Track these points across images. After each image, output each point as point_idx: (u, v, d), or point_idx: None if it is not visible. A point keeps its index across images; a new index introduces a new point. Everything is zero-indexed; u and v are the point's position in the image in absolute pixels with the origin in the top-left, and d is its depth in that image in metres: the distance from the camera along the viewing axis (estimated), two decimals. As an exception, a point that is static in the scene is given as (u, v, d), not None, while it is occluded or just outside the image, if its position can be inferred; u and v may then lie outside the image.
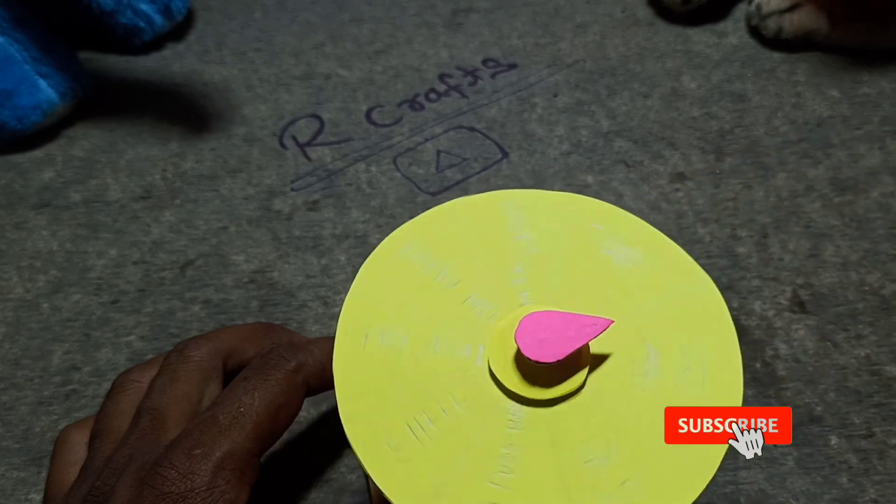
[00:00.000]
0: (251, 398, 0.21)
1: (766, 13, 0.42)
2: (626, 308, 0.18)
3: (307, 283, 0.34)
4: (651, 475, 0.16)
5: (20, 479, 0.28)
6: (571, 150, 0.39)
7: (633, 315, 0.18)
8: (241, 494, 0.20)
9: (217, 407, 0.21)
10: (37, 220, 0.37)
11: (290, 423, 0.22)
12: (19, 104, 0.38)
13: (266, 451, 0.21)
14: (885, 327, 0.32)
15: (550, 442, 0.17)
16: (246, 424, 0.20)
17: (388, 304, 0.19)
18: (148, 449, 0.20)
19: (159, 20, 0.43)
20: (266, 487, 0.28)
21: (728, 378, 0.17)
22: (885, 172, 0.37)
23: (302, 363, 0.22)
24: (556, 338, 0.16)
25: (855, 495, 0.27)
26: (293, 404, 0.22)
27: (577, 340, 0.16)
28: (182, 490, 0.19)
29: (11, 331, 0.33)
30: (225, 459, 0.19)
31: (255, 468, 0.20)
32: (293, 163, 0.39)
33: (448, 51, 0.44)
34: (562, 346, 0.16)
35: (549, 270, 0.19)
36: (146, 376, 0.23)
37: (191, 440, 0.20)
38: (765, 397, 0.30)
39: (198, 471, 0.19)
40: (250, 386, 0.21)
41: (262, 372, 0.21)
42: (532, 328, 0.17)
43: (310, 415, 0.30)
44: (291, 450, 0.29)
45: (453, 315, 0.18)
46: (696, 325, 0.18)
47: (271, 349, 0.23)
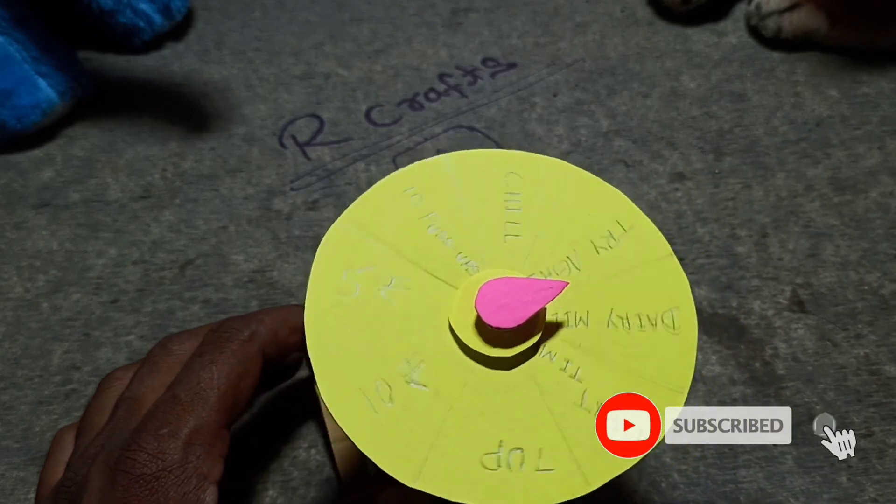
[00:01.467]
0: (209, 372, 0.21)
1: (765, 13, 0.42)
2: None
3: (307, 283, 0.34)
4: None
5: (20, 479, 0.28)
6: (571, 150, 0.39)
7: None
8: (214, 467, 0.20)
9: (177, 386, 0.21)
10: (36, 219, 0.37)
11: (252, 392, 0.22)
12: (19, 104, 0.38)
13: (234, 423, 0.21)
14: (885, 327, 0.32)
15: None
16: (209, 398, 0.20)
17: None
18: (119, 436, 0.20)
19: (159, 20, 0.43)
20: (237, 465, 0.28)
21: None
22: (884, 172, 0.37)
23: (255, 331, 0.22)
24: (515, 303, 0.17)
25: (854, 494, 0.27)
26: (252, 373, 0.22)
27: (534, 304, 0.17)
28: (155, 470, 0.19)
29: (11, 330, 0.33)
30: (193, 435, 0.19)
31: (225, 440, 0.20)
32: (293, 162, 0.39)
33: (448, 50, 0.44)
34: (521, 310, 0.17)
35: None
36: (130, 374, 0.23)
37: (156, 421, 0.20)
38: (764, 396, 0.30)
39: (168, 449, 0.19)
40: (206, 360, 0.21)
41: (216, 345, 0.21)
42: (492, 295, 0.17)
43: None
44: (261, 427, 0.29)
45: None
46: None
47: (222, 322, 0.23)
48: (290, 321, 0.23)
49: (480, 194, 0.20)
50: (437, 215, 0.20)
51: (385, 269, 0.19)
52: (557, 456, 0.17)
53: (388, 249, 0.19)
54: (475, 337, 0.18)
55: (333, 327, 0.18)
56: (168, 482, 0.19)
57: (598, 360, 0.18)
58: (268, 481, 0.28)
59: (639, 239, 0.20)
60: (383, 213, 0.20)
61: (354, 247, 0.19)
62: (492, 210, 0.20)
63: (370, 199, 0.20)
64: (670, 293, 0.19)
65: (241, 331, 0.22)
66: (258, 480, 0.28)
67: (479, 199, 0.20)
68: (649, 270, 0.19)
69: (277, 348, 0.23)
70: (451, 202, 0.20)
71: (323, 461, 0.29)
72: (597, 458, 0.17)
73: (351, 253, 0.19)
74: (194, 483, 0.19)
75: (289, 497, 0.28)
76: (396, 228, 0.19)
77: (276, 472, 0.29)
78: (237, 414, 0.21)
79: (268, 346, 0.22)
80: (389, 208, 0.20)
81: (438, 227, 0.19)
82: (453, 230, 0.20)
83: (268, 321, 0.23)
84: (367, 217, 0.20)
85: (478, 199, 0.20)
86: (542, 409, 0.17)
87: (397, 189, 0.20)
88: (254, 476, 0.28)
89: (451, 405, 0.17)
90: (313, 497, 0.28)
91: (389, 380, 0.18)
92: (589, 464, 0.17)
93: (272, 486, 0.28)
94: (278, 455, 0.29)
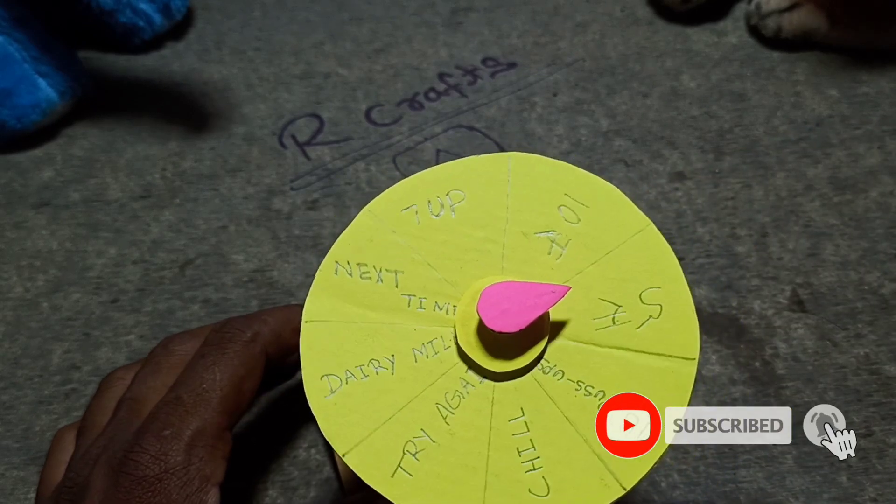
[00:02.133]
0: (212, 374, 0.20)
1: (765, 12, 0.42)
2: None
3: (307, 283, 0.34)
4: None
5: (20, 479, 0.28)
6: (571, 150, 0.39)
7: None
8: (216, 469, 0.20)
9: (179, 387, 0.20)
10: (36, 219, 0.37)
11: (255, 393, 0.22)
12: (19, 103, 0.38)
13: (236, 424, 0.21)
14: (884, 326, 0.32)
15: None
16: (211, 400, 0.20)
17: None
18: (121, 437, 0.20)
19: (159, 19, 0.43)
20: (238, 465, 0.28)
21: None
22: (884, 172, 0.37)
23: (257, 332, 0.22)
24: (517, 308, 0.17)
25: (854, 494, 0.27)
26: (255, 374, 0.22)
27: (537, 308, 0.17)
28: (157, 472, 0.19)
29: (11, 330, 0.33)
30: (196, 437, 0.19)
31: (228, 442, 0.20)
32: (292, 162, 0.39)
33: (447, 50, 0.44)
34: (523, 315, 0.17)
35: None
36: (131, 374, 0.23)
37: (158, 423, 0.19)
38: (764, 396, 0.30)
39: (170, 451, 0.19)
40: (209, 362, 0.21)
41: (219, 346, 0.21)
42: (493, 299, 0.17)
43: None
44: (261, 427, 0.29)
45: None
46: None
47: (225, 323, 0.22)
48: (293, 322, 0.23)
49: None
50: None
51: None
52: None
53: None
54: (479, 349, 0.17)
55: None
56: (170, 484, 0.19)
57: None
58: (268, 481, 0.28)
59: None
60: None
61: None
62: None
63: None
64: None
65: (243, 331, 0.22)
66: (258, 480, 0.28)
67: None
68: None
69: (280, 349, 0.23)
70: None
71: (323, 461, 0.29)
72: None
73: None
74: (197, 485, 0.19)
75: (289, 497, 0.28)
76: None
77: (275, 472, 0.29)
78: (239, 415, 0.21)
79: (270, 346, 0.22)
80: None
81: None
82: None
83: (271, 322, 0.23)
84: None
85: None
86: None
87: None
88: (254, 476, 0.28)
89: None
90: (313, 497, 0.28)
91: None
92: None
93: (272, 486, 0.28)
94: (278, 455, 0.29)
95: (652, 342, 0.18)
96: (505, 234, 0.19)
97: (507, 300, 0.17)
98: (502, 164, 0.20)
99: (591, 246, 0.19)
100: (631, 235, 0.19)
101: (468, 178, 0.20)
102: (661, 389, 0.17)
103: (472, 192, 0.20)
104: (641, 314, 0.18)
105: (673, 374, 0.17)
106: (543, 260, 0.19)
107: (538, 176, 0.20)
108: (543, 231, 0.19)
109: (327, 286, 0.19)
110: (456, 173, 0.20)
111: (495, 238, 0.19)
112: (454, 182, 0.20)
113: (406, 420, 0.17)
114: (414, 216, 0.19)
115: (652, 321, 0.18)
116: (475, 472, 0.17)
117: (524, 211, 0.19)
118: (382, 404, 0.17)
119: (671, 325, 0.18)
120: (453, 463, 0.17)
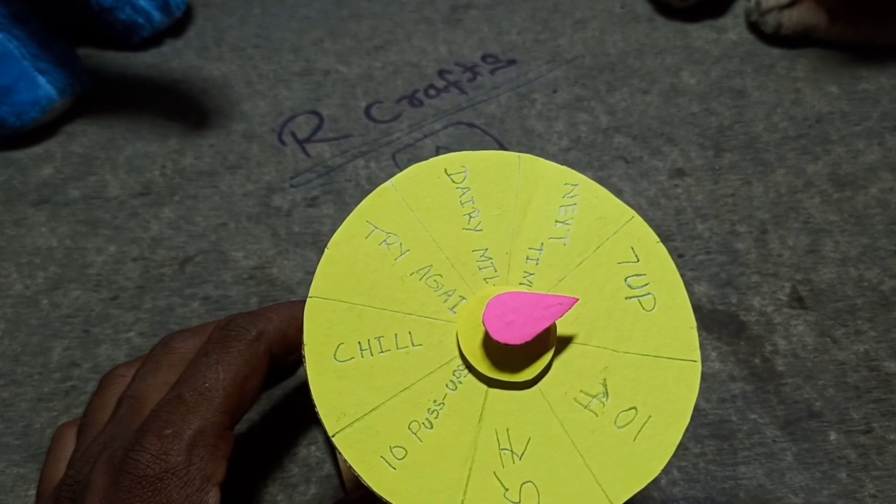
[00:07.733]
0: (215, 372, 0.20)
1: (765, 9, 0.42)
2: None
3: (307, 280, 0.34)
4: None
5: (20, 476, 0.29)
6: (571, 146, 0.39)
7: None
8: (217, 469, 0.19)
9: (182, 385, 0.20)
10: (36, 216, 0.37)
11: (258, 392, 0.21)
12: (18, 100, 0.37)
13: (238, 422, 0.21)
14: (884, 323, 0.32)
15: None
16: (214, 399, 0.20)
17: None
18: (122, 435, 0.20)
19: (158, 16, 0.43)
20: (239, 464, 0.28)
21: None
22: (883, 168, 0.37)
23: (262, 330, 0.22)
24: (523, 319, 0.16)
25: (854, 490, 0.27)
26: (258, 373, 0.21)
27: (543, 321, 0.16)
28: (158, 471, 0.18)
29: (11, 327, 0.33)
30: (197, 437, 0.19)
31: (229, 441, 0.20)
32: (292, 159, 0.39)
33: (447, 47, 0.44)
34: (529, 326, 0.16)
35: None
36: (132, 371, 0.23)
37: (160, 421, 0.19)
38: (764, 392, 0.30)
39: (171, 451, 0.19)
40: (212, 360, 0.21)
41: (223, 344, 0.21)
42: (499, 310, 0.17)
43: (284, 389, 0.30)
44: (262, 426, 0.29)
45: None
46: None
47: (229, 320, 0.22)
48: (298, 319, 0.23)
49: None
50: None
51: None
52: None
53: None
54: (483, 359, 0.17)
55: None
56: (171, 484, 0.18)
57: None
58: (267, 478, 0.28)
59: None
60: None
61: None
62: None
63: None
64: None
65: (248, 330, 0.22)
66: (258, 477, 0.28)
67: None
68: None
69: (285, 347, 0.22)
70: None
71: (323, 457, 0.29)
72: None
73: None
74: (197, 485, 0.19)
75: (288, 494, 0.28)
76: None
77: (275, 469, 0.29)
78: (242, 414, 0.21)
79: (275, 345, 0.22)
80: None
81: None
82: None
83: (276, 319, 0.22)
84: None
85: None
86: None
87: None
88: (253, 473, 0.29)
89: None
90: (313, 494, 0.28)
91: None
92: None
93: (272, 483, 0.28)
94: (278, 452, 0.29)
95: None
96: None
97: (513, 311, 0.16)
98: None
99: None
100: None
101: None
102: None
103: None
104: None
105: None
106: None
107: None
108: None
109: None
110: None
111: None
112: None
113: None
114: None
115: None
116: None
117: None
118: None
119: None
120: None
